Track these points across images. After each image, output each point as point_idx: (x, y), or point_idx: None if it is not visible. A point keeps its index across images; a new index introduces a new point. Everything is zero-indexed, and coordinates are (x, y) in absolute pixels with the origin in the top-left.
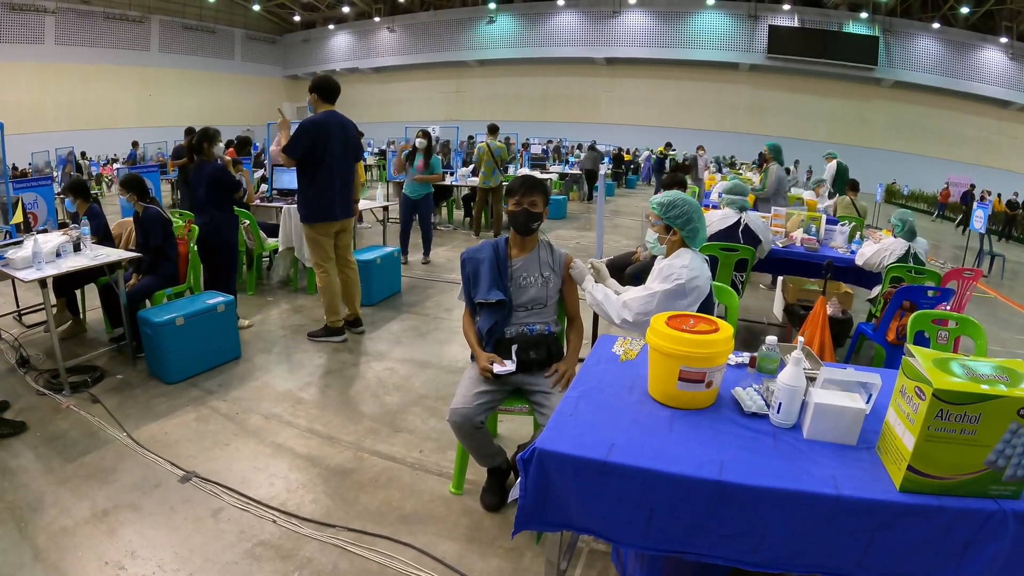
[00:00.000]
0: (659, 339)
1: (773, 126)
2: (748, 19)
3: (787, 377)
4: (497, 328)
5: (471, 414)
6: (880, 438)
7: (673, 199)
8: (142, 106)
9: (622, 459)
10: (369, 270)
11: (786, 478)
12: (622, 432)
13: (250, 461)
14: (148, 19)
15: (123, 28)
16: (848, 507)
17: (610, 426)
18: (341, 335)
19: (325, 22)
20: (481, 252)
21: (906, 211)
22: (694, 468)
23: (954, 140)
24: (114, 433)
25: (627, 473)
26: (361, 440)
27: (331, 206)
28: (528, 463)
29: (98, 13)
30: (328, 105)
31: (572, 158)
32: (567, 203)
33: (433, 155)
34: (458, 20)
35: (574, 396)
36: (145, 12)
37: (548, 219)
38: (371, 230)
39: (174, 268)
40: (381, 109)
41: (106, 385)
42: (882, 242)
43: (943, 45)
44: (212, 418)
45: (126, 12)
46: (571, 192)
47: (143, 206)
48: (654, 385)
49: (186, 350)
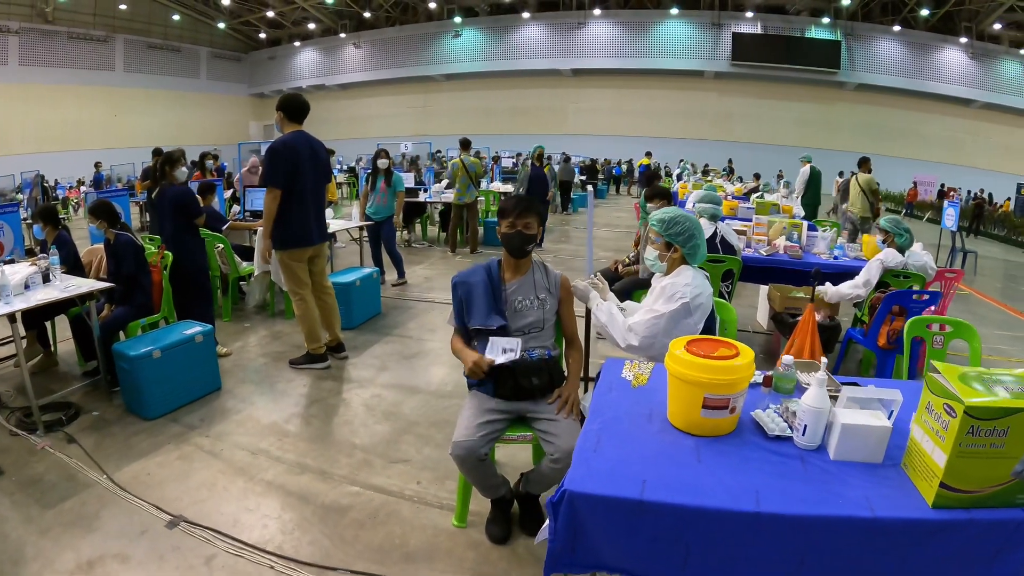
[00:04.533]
0: (680, 367)
1: (740, 132)
2: (712, 27)
3: (811, 399)
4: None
5: (475, 446)
6: (906, 454)
7: (674, 216)
8: (108, 127)
9: (657, 496)
10: (348, 293)
11: (822, 504)
12: (650, 466)
13: (240, 501)
14: (113, 38)
15: (88, 48)
16: (884, 528)
17: (637, 460)
18: (324, 362)
19: (291, 39)
20: (473, 276)
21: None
22: (730, 500)
23: (919, 140)
24: (94, 475)
25: (662, 510)
26: (355, 473)
27: (306, 231)
28: (558, 506)
29: (62, 33)
30: (296, 125)
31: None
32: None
33: (395, 174)
34: (424, 35)
35: (594, 429)
36: (110, 31)
37: None
38: (346, 250)
39: (148, 297)
40: (349, 126)
41: (82, 423)
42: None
43: (904, 47)
44: (196, 456)
45: (90, 31)
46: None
47: (115, 233)
48: (675, 413)
49: (165, 384)
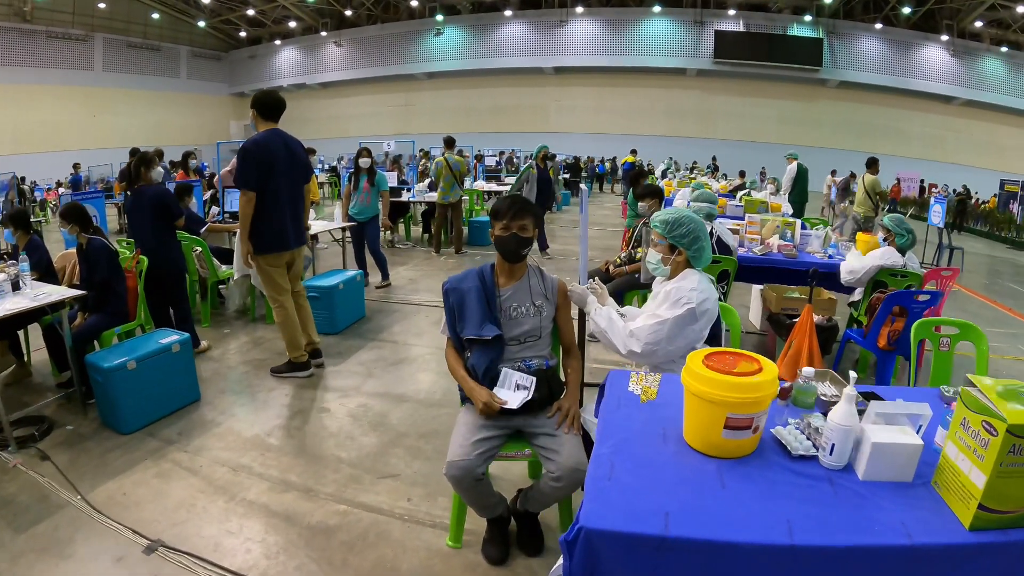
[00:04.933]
0: (701, 384)
1: (722, 130)
2: (694, 25)
3: (840, 416)
4: (493, 367)
5: (471, 466)
6: (937, 472)
7: (678, 216)
8: (87, 127)
9: (682, 531)
10: (332, 296)
11: (858, 532)
12: (672, 496)
13: (221, 523)
14: (92, 37)
15: (66, 47)
16: (922, 555)
17: (656, 489)
18: (306, 369)
19: (271, 37)
20: (465, 282)
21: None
22: (762, 533)
23: (900, 136)
24: (67, 496)
25: (690, 547)
26: (342, 491)
27: (283, 235)
28: (573, 544)
29: (40, 32)
30: (271, 123)
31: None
32: None
33: (378, 173)
34: (406, 33)
35: (606, 453)
36: (89, 31)
37: None
38: (328, 251)
39: (123, 304)
40: (330, 125)
41: (56, 438)
42: (871, 255)
43: (886, 45)
44: (174, 473)
45: (69, 31)
46: None
47: (87, 237)
48: (693, 434)
49: (141, 396)
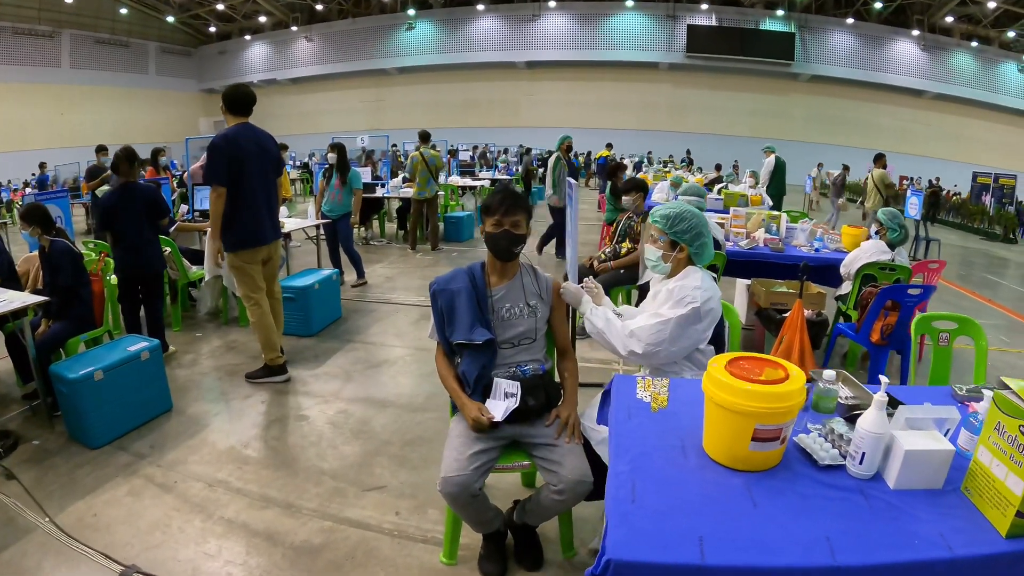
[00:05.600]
0: (726, 394)
1: (694, 124)
2: (667, 19)
3: (871, 424)
4: (486, 373)
5: (468, 481)
6: (968, 478)
7: (680, 211)
8: (53, 126)
9: (720, 558)
10: (307, 297)
11: (899, 548)
12: (702, 517)
13: (198, 545)
14: (59, 34)
15: (32, 44)
16: (963, 567)
17: (684, 511)
18: (283, 374)
19: (241, 33)
20: (455, 282)
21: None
22: (803, 555)
23: (871, 130)
24: (34, 518)
25: (729, 575)
26: (326, 505)
27: (258, 229)
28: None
29: (6, 28)
30: (241, 117)
31: (499, 163)
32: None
33: (352, 169)
34: (377, 28)
35: (625, 471)
36: (55, 26)
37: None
38: (301, 249)
39: (88, 310)
40: (301, 120)
41: (21, 454)
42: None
43: (857, 39)
44: (147, 491)
45: (35, 27)
46: None
47: (49, 240)
48: (717, 447)
49: (109, 408)
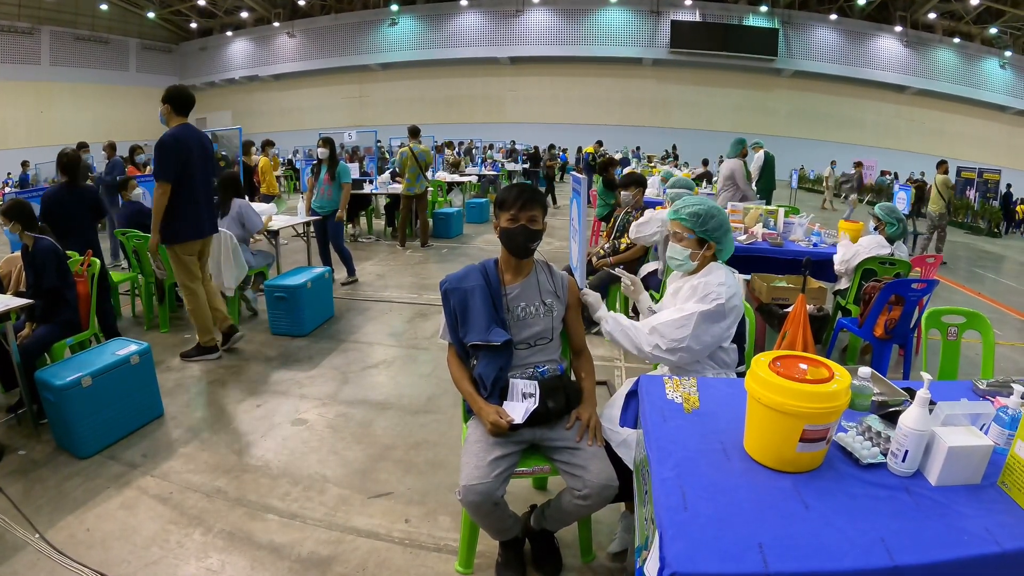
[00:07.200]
0: (774, 394)
1: (678, 119)
2: (651, 15)
3: (914, 421)
4: (503, 375)
5: (490, 490)
6: (1006, 472)
7: (708, 208)
8: (34, 124)
9: (783, 565)
10: (299, 296)
11: (950, 545)
12: (759, 523)
13: (200, 560)
14: (38, 30)
15: (12, 41)
16: (1011, 561)
17: (739, 517)
18: (215, 352)
19: (222, 29)
20: (467, 280)
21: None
22: (862, 558)
23: (855, 125)
24: (23, 535)
25: None
26: (332, 515)
27: (198, 223)
28: None
29: None
30: (182, 118)
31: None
32: (489, 205)
33: (340, 163)
34: (359, 23)
35: (671, 477)
36: (35, 23)
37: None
38: (290, 247)
39: (74, 312)
40: (283, 117)
41: (7, 465)
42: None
43: (840, 35)
44: (141, 503)
45: (15, 23)
46: (488, 194)
47: (32, 237)
48: (762, 448)
49: (99, 415)
